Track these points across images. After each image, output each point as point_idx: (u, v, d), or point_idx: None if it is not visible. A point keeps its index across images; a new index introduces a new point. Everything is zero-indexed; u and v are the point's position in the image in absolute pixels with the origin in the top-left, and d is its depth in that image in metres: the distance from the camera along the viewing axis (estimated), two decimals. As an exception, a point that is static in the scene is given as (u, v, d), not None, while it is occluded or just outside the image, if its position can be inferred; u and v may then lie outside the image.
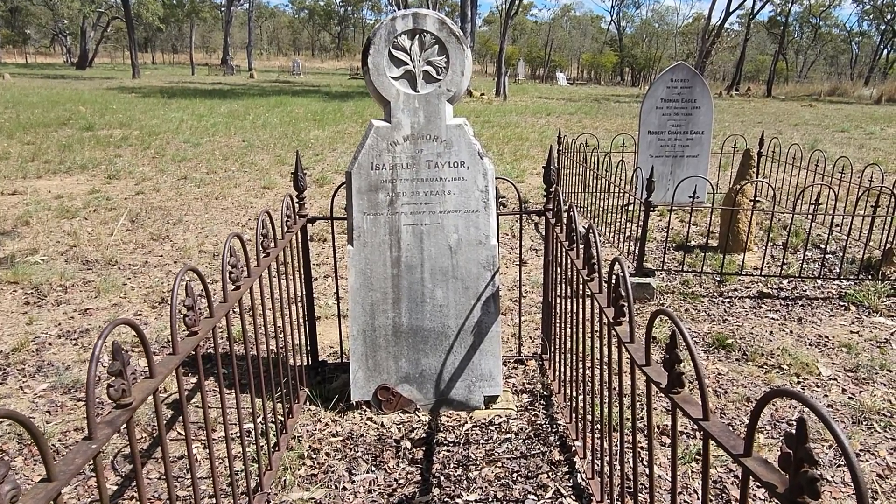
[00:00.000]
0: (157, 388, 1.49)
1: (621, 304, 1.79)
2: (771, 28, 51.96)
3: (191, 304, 1.72)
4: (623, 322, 1.81)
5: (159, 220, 6.46)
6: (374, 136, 3.02)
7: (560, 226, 3.03)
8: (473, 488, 2.56)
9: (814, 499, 0.99)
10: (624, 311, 1.79)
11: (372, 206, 3.05)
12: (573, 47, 75.94)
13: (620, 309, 1.81)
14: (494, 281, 3.13)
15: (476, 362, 3.16)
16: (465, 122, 3.07)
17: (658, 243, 6.00)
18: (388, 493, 2.54)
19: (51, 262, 5.10)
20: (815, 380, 3.47)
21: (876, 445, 2.87)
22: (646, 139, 7.07)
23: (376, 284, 3.10)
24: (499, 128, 15.06)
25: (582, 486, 2.54)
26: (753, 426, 1.15)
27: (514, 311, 4.40)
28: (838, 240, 5.89)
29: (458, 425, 3.03)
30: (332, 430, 2.96)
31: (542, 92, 32.65)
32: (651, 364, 1.58)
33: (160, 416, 1.54)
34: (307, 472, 2.66)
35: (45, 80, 29.09)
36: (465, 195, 3.08)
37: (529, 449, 2.81)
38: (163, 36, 67.24)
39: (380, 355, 3.13)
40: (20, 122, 13.25)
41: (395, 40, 2.95)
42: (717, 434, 1.24)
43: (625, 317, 1.79)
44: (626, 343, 1.71)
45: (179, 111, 16.84)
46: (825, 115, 20.80)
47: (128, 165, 9.27)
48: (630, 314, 1.70)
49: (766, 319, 4.30)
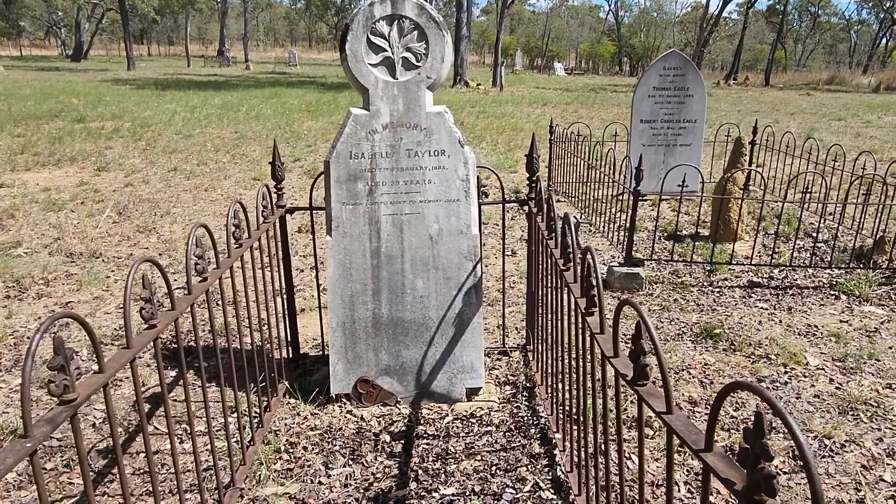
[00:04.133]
0: (107, 383, 1.44)
1: (592, 294, 1.74)
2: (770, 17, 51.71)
3: (147, 297, 1.67)
4: (595, 312, 1.76)
5: (147, 213, 6.40)
6: (353, 125, 2.96)
7: (541, 215, 2.97)
8: (451, 482, 2.52)
9: (770, 496, 0.95)
10: (595, 302, 1.74)
11: (351, 195, 2.99)
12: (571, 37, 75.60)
13: (592, 299, 1.76)
14: (476, 271, 3.08)
15: (458, 354, 3.12)
16: (446, 109, 3.02)
17: (650, 233, 5.94)
18: (365, 488, 2.49)
19: (34, 255, 5.04)
20: (803, 369, 3.43)
21: (861, 436, 2.83)
22: (638, 128, 7.01)
23: (356, 275, 3.04)
24: (494, 118, 14.97)
25: (561, 480, 2.50)
26: (714, 420, 1.10)
27: (501, 301, 4.35)
28: (830, 228, 5.84)
29: (438, 418, 2.99)
30: (310, 424, 2.92)
31: (540, 82, 32.50)
32: (619, 356, 1.53)
33: (111, 412, 1.49)
34: (283, 466, 2.62)
35: (39, 73, 28.93)
36: (446, 184, 3.03)
37: (510, 442, 2.77)
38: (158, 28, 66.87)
39: (360, 347, 3.08)
40: (11, 115, 13.15)
41: (373, 26, 2.89)
42: (680, 428, 1.20)
43: (596, 307, 1.74)
44: (596, 334, 1.66)
45: (173, 103, 16.73)
46: (822, 104, 20.71)
47: (118, 157, 9.19)
48: (600, 305, 1.65)
49: (755, 309, 4.26)
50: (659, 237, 5.79)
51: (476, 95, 22.08)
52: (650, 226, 6.19)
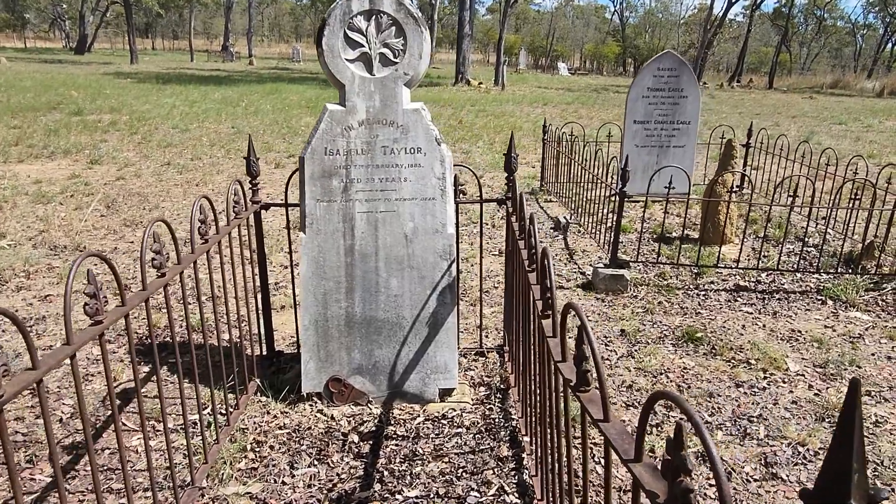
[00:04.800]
0: (40, 379, 1.41)
1: (547, 297, 1.71)
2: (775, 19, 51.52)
3: (92, 292, 1.64)
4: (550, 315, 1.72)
5: (135, 207, 6.37)
6: (329, 121, 2.93)
7: (516, 214, 2.94)
8: (416, 484, 2.49)
9: (688, 511, 0.91)
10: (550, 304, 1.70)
11: (325, 192, 2.96)
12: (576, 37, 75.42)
13: (547, 302, 1.73)
14: (451, 270, 3.04)
15: (431, 354, 3.08)
16: (423, 106, 2.98)
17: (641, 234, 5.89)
18: (328, 489, 2.46)
19: (18, 248, 5.02)
20: (783, 375, 3.39)
21: (836, 444, 2.79)
22: (631, 128, 6.96)
23: (329, 273, 3.01)
24: (493, 117, 14.92)
25: (527, 484, 2.46)
26: (643, 430, 1.07)
27: (483, 302, 4.32)
28: (821, 232, 5.79)
29: (410, 418, 2.95)
30: (279, 423, 2.88)
31: (542, 82, 32.42)
32: (567, 360, 1.50)
33: (45, 410, 1.46)
34: (247, 465, 2.59)
35: (42, 65, 28.94)
36: (422, 182, 2.99)
37: (479, 444, 2.74)
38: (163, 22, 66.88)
39: (332, 346, 3.05)
40: (10, 106, 13.14)
41: (350, 21, 2.85)
42: (613, 437, 1.16)
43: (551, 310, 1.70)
44: (548, 337, 1.63)
45: (173, 97, 16.71)
46: (825, 108, 20.62)
47: (112, 151, 9.17)
48: (553, 308, 1.61)
49: (740, 313, 4.22)
50: (648, 239, 5.75)
51: (477, 94, 22.03)
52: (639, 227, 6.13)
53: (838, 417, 0.62)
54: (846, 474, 0.61)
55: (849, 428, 0.61)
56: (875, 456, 2.72)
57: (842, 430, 0.62)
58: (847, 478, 0.61)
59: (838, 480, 0.61)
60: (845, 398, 0.64)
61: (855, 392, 0.62)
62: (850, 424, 0.61)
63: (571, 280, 4.74)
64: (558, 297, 4.41)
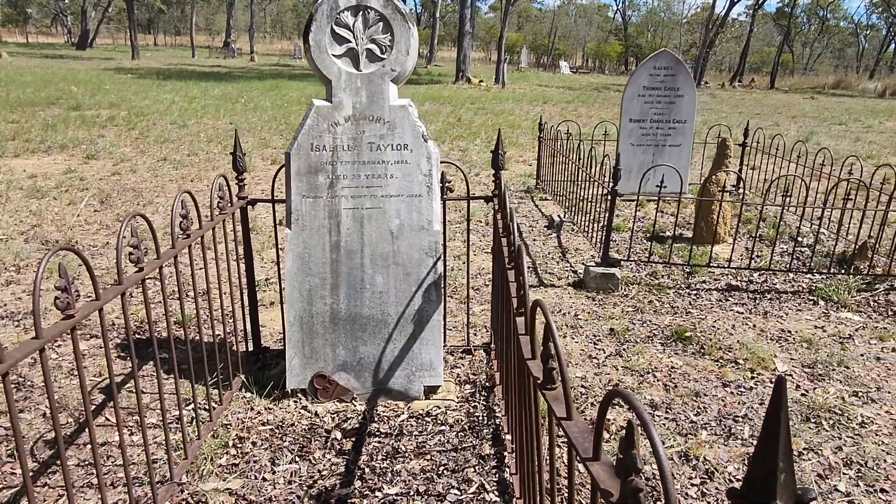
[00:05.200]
0: (6, 372, 1.40)
1: (521, 293, 1.70)
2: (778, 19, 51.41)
3: (63, 286, 1.63)
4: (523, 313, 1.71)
5: (129, 202, 6.37)
6: (315, 116, 2.92)
7: (501, 212, 2.93)
8: (396, 481, 2.48)
9: (638, 511, 0.90)
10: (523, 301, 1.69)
11: (311, 188, 2.95)
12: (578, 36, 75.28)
13: (521, 299, 1.72)
14: (437, 268, 3.03)
15: (416, 351, 3.08)
16: (410, 103, 2.97)
17: (633, 233, 5.88)
18: (309, 485, 2.46)
19: (9, 242, 5.02)
20: (770, 375, 3.38)
21: (821, 444, 2.78)
22: (627, 127, 6.95)
23: (314, 269, 3.00)
24: (492, 115, 14.90)
25: (507, 482, 2.46)
26: (600, 428, 1.06)
27: (473, 299, 4.31)
28: (814, 232, 5.77)
29: (394, 416, 2.95)
30: (263, 419, 2.88)
31: (543, 80, 32.37)
32: (536, 358, 1.49)
33: (11, 404, 1.46)
34: (228, 461, 2.58)
35: (43, 60, 28.93)
36: (408, 179, 2.98)
37: (461, 442, 2.73)
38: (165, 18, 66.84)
39: (317, 342, 3.04)
40: (9, 101, 13.14)
41: (337, 16, 2.84)
42: (574, 435, 1.15)
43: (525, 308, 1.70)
44: (521, 334, 1.62)
45: (172, 93, 16.70)
46: (825, 108, 20.57)
47: (109, 146, 9.16)
48: (525, 305, 1.61)
49: (730, 313, 4.21)
50: (641, 238, 5.73)
51: (477, 92, 21.99)
52: (635, 226, 6.12)
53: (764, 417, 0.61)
54: (773, 474, 0.60)
55: (774, 427, 0.60)
56: (859, 457, 2.71)
57: (768, 429, 0.61)
58: (773, 477, 0.60)
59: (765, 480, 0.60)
60: (771, 397, 0.63)
61: (780, 390, 0.61)
62: (775, 424, 0.60)
63: (563, 279, 4.73)
64: (549, 295, 4.41)
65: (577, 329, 3.89)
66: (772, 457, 0.60)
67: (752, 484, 0.62)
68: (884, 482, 2.55)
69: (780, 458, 0.60)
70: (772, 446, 0.60)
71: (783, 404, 0.61)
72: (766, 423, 0.61)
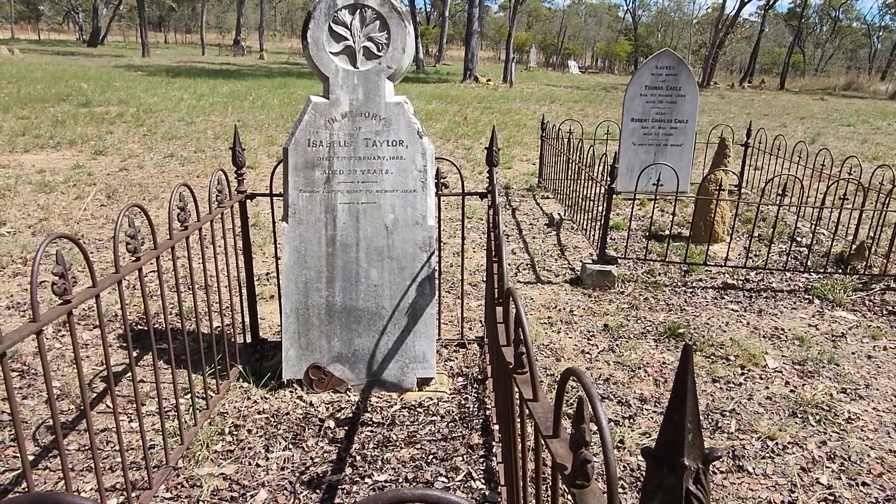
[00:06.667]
0: (3, 353, 1.47)
1: (500, 284, 1.75)
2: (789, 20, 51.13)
3: (60, 272, 1.70)
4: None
5: (135, 197, 6.46)
6: (312, 113, 2.99)
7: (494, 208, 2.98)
8: (386, 469, 2.54)
9: (585, 481, 0.96)
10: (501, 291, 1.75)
11: (308, 183, 3.02)
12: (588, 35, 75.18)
13: (500, 290, 1.77)
14: (431, 262, 3.09)
15: (410, 344, 3.14)
16: (406, 100, 3.03)
17: (632, 232, 5.92)
18: (301, 472, 2.52)
19: (17, 235, 5.11)
20: (760, 371, 3.42)
21: (806, 439, 2.83)
22: (629, 127, 6.98)
23: (310, 262, 3.07)
24: (499, 114, 14.95)
25: (494, 470, 2.51)
26: (559, 406, 1.11)
27: (470, 294, 4.37)
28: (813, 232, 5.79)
29: (386, 406, 3.01)
30: (259, 408, 2.95)
31: (552, 79, 32.37)
32: (510, 344, 1.54)
33: (10, 387, 1.52)
34: (224, 447, 2.65)
35: (54, 57, 29.18)
36: (403, 175, 3.04)
37: (451, 432, 2.79)
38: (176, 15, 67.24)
39: (312, 334, 3.11)
40: (19, 97, 13.29)
41: (335, 15, 2.91)
42: (539, 415, 1.21)
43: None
44: (499, 323, 1.68)
45: (181, 90, 16.83)
46: (835, 109, 20.48)
47: (117, 142, 9.27)
48: (503, 296, 1.66)
49: (725, 310, 4.24)
50: (640, 236, 5.77)
51: (485, 91, 22.04)
52: (634, 225, 6.16)
53: (673, 384, 0.67)
54: (681, 434, 0.65)
55: (682, 393, 0.65)
56: (843, 451, 2.75)
57: (676, 394, 0.66)
58: (681, 438, 0.65)
59: (674, 440, 0.66)
60: (679, 365, 0.68)
61: (687, 358, 0.67)
62: (683, 389, 0.65)
63: (560, 275, 4.78)
64: (546, 291, 4.46)
65: (571, 325, 3.94)
66: (680, 419, 0.65)
67: (664, 444, 0.68)
68: (865, 476, 2.59)
69: (688, 419, 0.65)
70: (680, 410, 0.65)
71: (690, 371, 0.67)
72: (674, 389, 0.66)
